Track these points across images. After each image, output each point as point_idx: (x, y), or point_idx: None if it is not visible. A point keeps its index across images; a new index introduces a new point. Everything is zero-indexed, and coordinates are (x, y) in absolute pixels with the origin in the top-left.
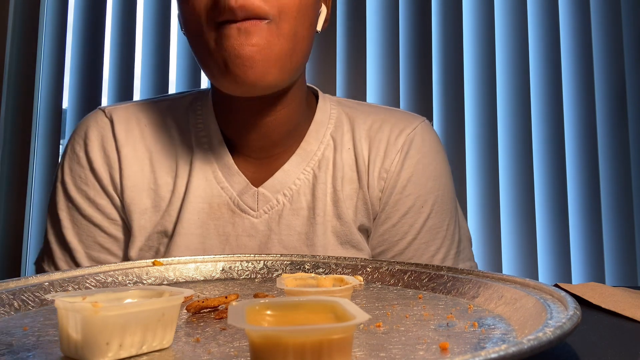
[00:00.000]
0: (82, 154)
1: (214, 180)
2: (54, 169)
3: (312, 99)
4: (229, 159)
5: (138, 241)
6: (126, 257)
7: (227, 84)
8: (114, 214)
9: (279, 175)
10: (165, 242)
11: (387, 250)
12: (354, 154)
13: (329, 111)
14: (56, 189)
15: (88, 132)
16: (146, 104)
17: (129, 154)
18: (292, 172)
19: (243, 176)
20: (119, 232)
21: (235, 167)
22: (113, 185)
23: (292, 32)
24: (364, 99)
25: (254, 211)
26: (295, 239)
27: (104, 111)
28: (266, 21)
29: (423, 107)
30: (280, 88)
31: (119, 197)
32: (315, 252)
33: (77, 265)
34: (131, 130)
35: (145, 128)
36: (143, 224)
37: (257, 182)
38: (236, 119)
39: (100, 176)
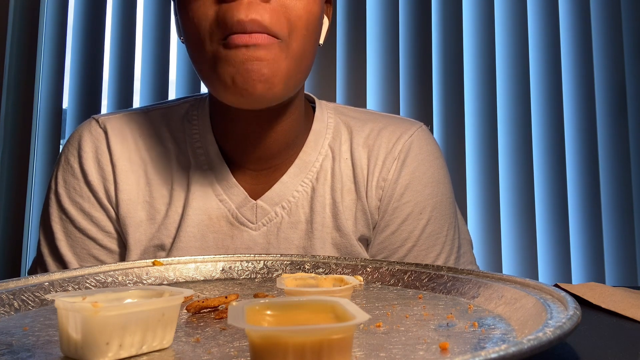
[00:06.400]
0: (76, 166)
1: (212, 193)
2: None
3: (309, 108)
4: (226, 171)
5: (134, 254)
6: None
7: (232, 98)
8: (109, 227)
9: (277, 187)
10: (161, 255)
11: (387, 257)
12: (352, 164)
13: (327, 120)
14: (49, 200)
15: (82, 142)
16: (140, 113)
17: (124, 167)
18: (291, 184)
19: (241, 189)
20: (113, 245)
21: (234, 179)
22: (108, 197)
23: (301, 50)
24: (364, 105)
25: (253, 224)
26: (294, 252)
27: (97, 121)
28: (278, 41)
29: (423, 109)
30: (283, 100)
31: (114, 210)
32: None
33: None
34: (126, 142)
35: (140, 139)
36: (138, 237)
37: (255, 194)
38: (234, 132)
39: (95, 188)
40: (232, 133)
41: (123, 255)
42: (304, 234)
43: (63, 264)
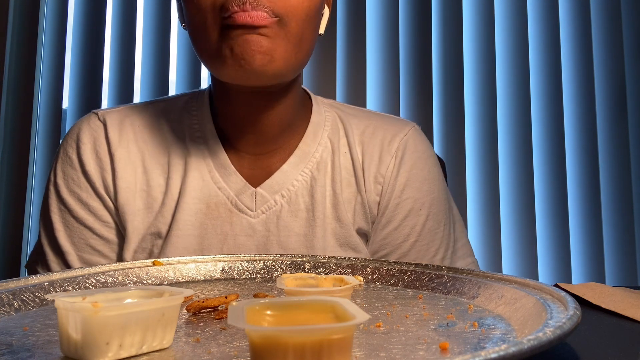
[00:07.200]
0: (74, 157)
1: (210, 181)
2: None
3: (307, 99)
4: (225, 158)
5: (132, 243)
6: (120, 260)
7: (232, 71)
8: (106, 216)
9: (277, 176)
10: (158, 243)
11: (390, 253)
12: (351, 157)
13: (324, 113)
14: (49, 192)
15: (80, 135)
16: (140, 106)
17: (122, 156)
18: (291, 173)
19: (240, 176)
20: (111, 235)
21: (232, 166)
22: (105, 187)
23: (299, 33)
24: (364, 102)
25: (252, 211)
26: (294, 240)
27: (97, 114)
28: (276, 19)
29: (423, 109)
30: (281, 81)
31: (111, 200)
32: (315, 253)
33: (69, 268)
34: (125, 132)
35: (139, 130)
36: (136, 225)
37: (252, 180)
38: (234, 114)
39: (93, 179)
40: (231, 116)
41: (121, 246)
42: (305, 223)
43: (61, 254)
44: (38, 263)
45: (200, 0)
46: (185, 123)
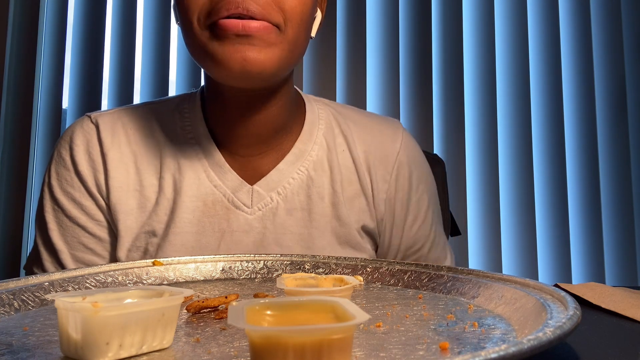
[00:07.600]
0: (67, 158)
1: (206, 179)
2: None
3: (301, 98)
4: (219, 157)
5: (125, 241)
6: (113, 258)
7: (225, 78)
8: (99, 215)
9: (273, 174)
10: (153, 241)
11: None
12: (351, 156)
13: (317, 111)
14: (43, 193)
15: (73, 137)
16: (132, 108)
17: (114, 157)
18: (287, 171)
19: (236, 174)
20: (103, 233)
21: (227, 165)
22: (98, 187)
23: (295, 38)
24: (364, 103)
25: (248, 208)
26: (289, 238)
27: (90, 117)
28: (275, 27)
29: (423, 109)
30: (271, 82)
31: (104, 199)
32: (313, 253)
33: (62, 266)
34: (117, 134)
35: (131, 131)
36: (129, 224)
37: (246, 180)
38: (227, 114)
39: (85, 179)
40: (224, 116)
41: (114, 245)
42: (301, 222)
43: (55, 253)
44: (34, 263)
45: (192, 4)
46: (177, 125)
